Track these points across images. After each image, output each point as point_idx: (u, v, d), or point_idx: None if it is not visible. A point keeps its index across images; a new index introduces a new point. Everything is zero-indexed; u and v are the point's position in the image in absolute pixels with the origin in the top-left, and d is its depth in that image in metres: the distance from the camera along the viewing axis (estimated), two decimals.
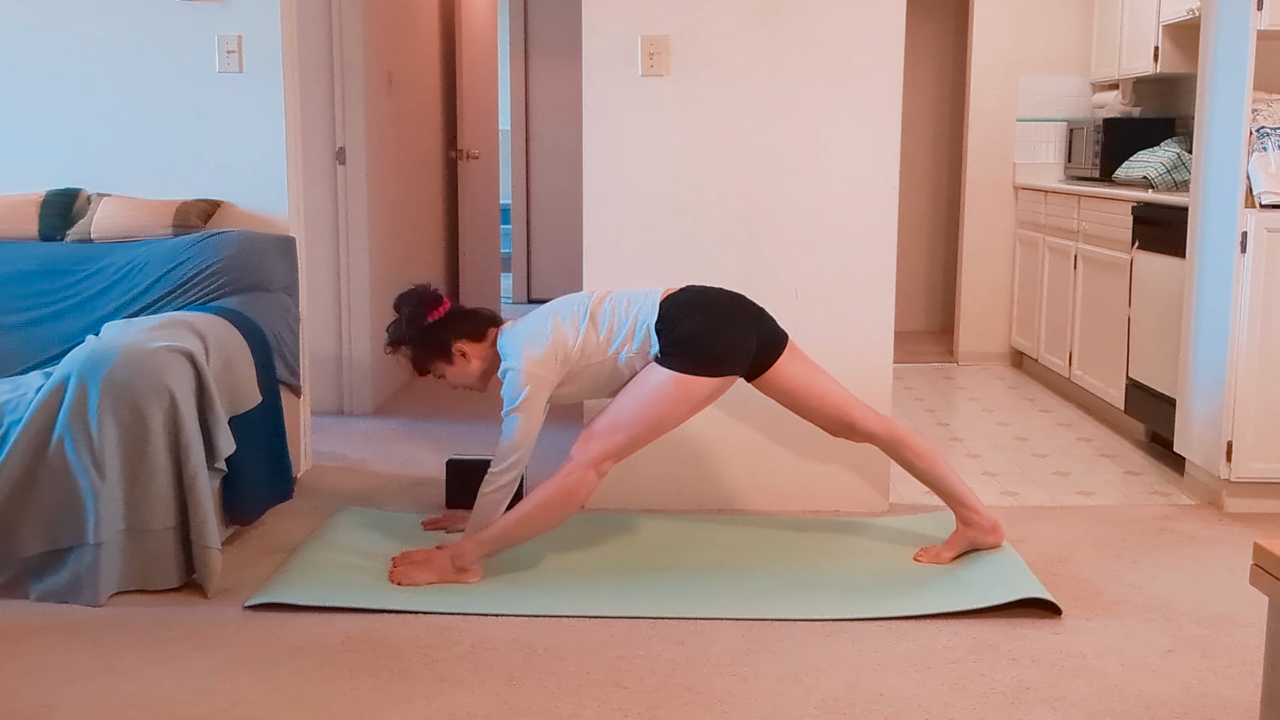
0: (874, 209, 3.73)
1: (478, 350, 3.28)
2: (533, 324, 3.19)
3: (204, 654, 2.72)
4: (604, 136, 3.72)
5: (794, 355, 3.25)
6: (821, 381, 3.26)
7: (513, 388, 3.11)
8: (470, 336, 3.28)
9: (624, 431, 3.07)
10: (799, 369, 3.24)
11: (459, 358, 3.27)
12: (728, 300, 3.16)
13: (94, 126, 4.04)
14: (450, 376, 3.31)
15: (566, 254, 8.98)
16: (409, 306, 3.28)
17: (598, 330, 3.14)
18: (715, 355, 3.06)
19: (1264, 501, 3.82)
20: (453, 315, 3.29)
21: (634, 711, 2.46)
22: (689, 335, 3.06)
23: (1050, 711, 2.47)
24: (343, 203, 5.05)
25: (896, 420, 3.30)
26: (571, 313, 3.17)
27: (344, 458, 4.45)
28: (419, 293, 3.29)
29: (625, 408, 3.08)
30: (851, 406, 3.27)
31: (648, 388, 3.07)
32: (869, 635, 2.84)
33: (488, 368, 3.30)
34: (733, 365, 3.09)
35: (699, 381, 3.06)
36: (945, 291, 7.56)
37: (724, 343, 3.07)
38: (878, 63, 3.67)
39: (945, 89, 7.43)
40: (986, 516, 3.27)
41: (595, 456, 3.06)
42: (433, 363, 3.29)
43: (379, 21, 5.18)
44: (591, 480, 3.06)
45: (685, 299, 3.14)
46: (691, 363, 3.05)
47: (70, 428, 2.96)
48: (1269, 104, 3.74)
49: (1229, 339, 3.74)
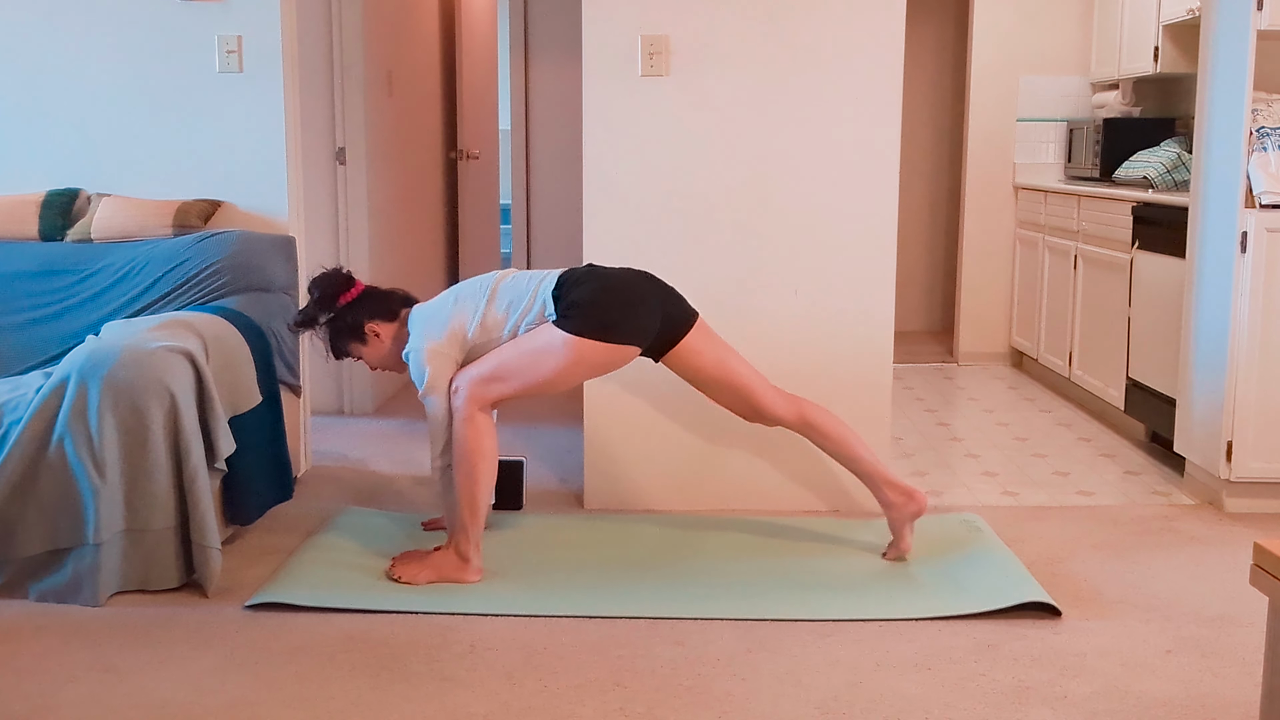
0: (874, 209, 3.73)
1: (390, 330, 3.31)
2: (436, 305, 3.23)
3: (204, 654, 2.72)
4: (604, 136, 3.72)
5: (704, 335, 3.26)
6: (729, 362, 3.26)
7: (416, 369, 3.17)
8: (383, 317, 3.30)
9: (507, 384, 3.10)
10: (707, 349, 3.25)
11: (373, 339, 3.30)
12: (631, 275, 3.18)
13: (94, 126, 4.04)
14: (366, 358, 3.34)
15: (566, 254, 8.98)
16: (320, 288, 3.30)
17: (495, 306, 3.17)
18: (609, 321, 3.07)
19: (1264, 501, 3.82)
20: (365, 296, 3.31)
21: (634, 711, 2.46)
22: (584, 300, 3.08)
23: (1050, 711, 2.47)
24: (343, 203, 5.05)
25: (808, 402, 3.31)
26: (473, 292, 3.21)
27: (344, 458, 4.45)
28: (331, 275, 3.32)
29: (512, 359, 3.10)
30: (760, 390, 3.27)
31: (540, 345, 3.09)
32: (869, 635, 2.84)
33: (400, 349, 3.33)
34: (628, 335, 3.10)
35: (590, 345, 3.07)
36: (945, 291, 7.56)
37: (620, 311, 3.09)
38: (878, 63, 3.67)
39: (945, 89, 7.43)
40: (899, 485, 3.26)
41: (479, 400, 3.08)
42: (347, 344, 3.32)
43: (379, 21, 5.18)
44: (482, 422, 3.09)
45: (586, 271, 3.17)
46: (585, 326, 3.06)
47: (70, 428, 2.96)
48: (1269, 104, 3.74)
49: (1229, 339, 3.74)
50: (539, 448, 4.54)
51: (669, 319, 3.19)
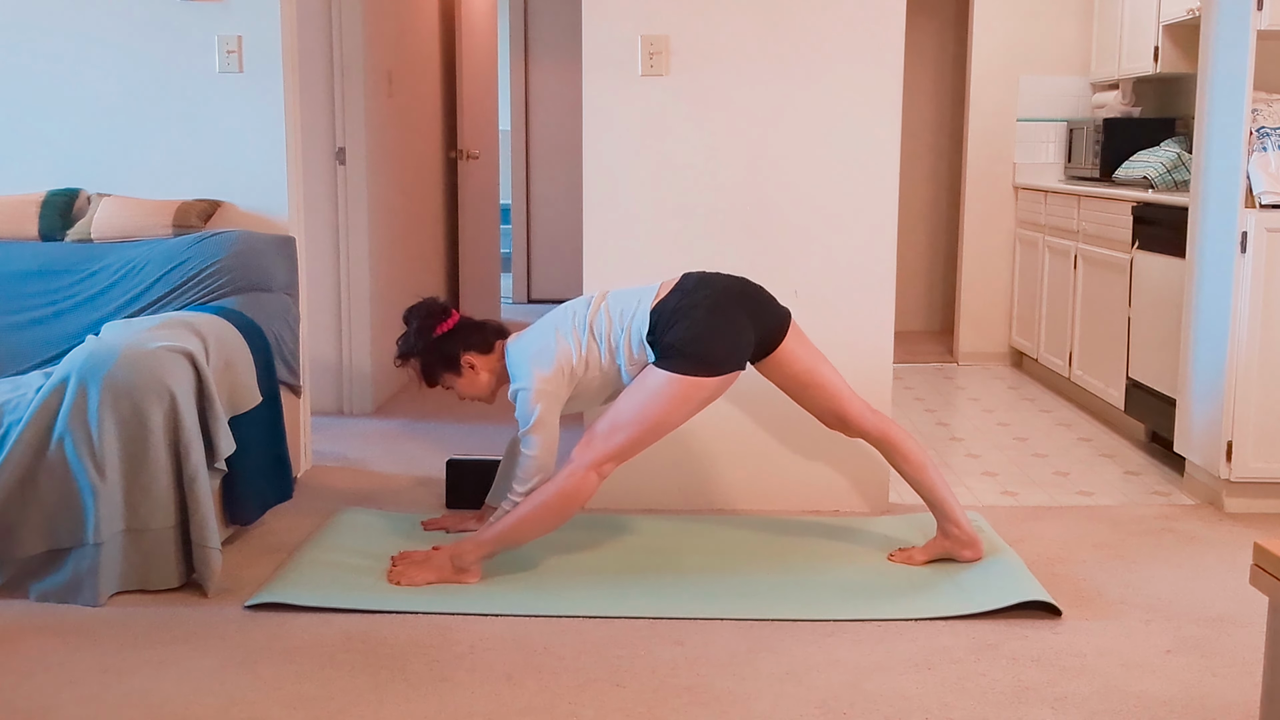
0: (874, 209, 3.73)
1: (486, 363, 3.29)
2: (537, 340, 3.18)
3: (204, 654, 2.72)
4: (604, 136, 3.72)
5: (798, 341, 3.23)
6: (822, 370, 3.25)
7: (525, 407, 3.12)
8: (478, 349, 3.29)
9: (624, 433, 3.06)
10: (801, 355, 3.23)
11: (468, 370, 3.28)
12: (720, 296, 3.11)
13: (94, 127, 4.04)
14: (459, 388, 3.31)
15: (566, 254, 8.98)
16: (418, 319, 3.29)
17: (597, 342, 3.15)
18: (709, 357, 3.04)
19: (1264, 501, 3.82)
20: (461, 327, 3.29)
21: (634, 711, 2.46)
22: (680, 342, 3.05)
23: (1050, 711, 2.47)
24: (343, 203, 5.05)
25: (894, 422, 3.29)
26: (572, 326, 3.17)
27: (344, 458, 4.45)
28: (428, 305, 3.30)
29: (625, 409, 3.07)
30: (849, 401, 3.26)
31: (647, 389, 3.06)
32: (869, 635, 2.84)
33: (495, 379, 3.31)
34: (730, 365, 3.08)
35: (697, 382, 3.05)
36: (945, 291, 7.56)
37: (717, 344, 3.05)
38: (878, 63, 3.67)
39: (945, 89, 7.43)
40: (967, 532, 3.25)
41: (596, 459, 3.05)
42: (441, 375, 3.30)
43: (379, 21, 5.18)
44: (593, 482, 3.06)
45: (675, 304, 3.09)
46: (688, 365, 3.04)
47: (70, 428, 2.96)
48: (1269, 104, 3.74)
49: (1229, 339, 3.74)
50: None
51: (763, 330, 3.16)
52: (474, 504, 3.74)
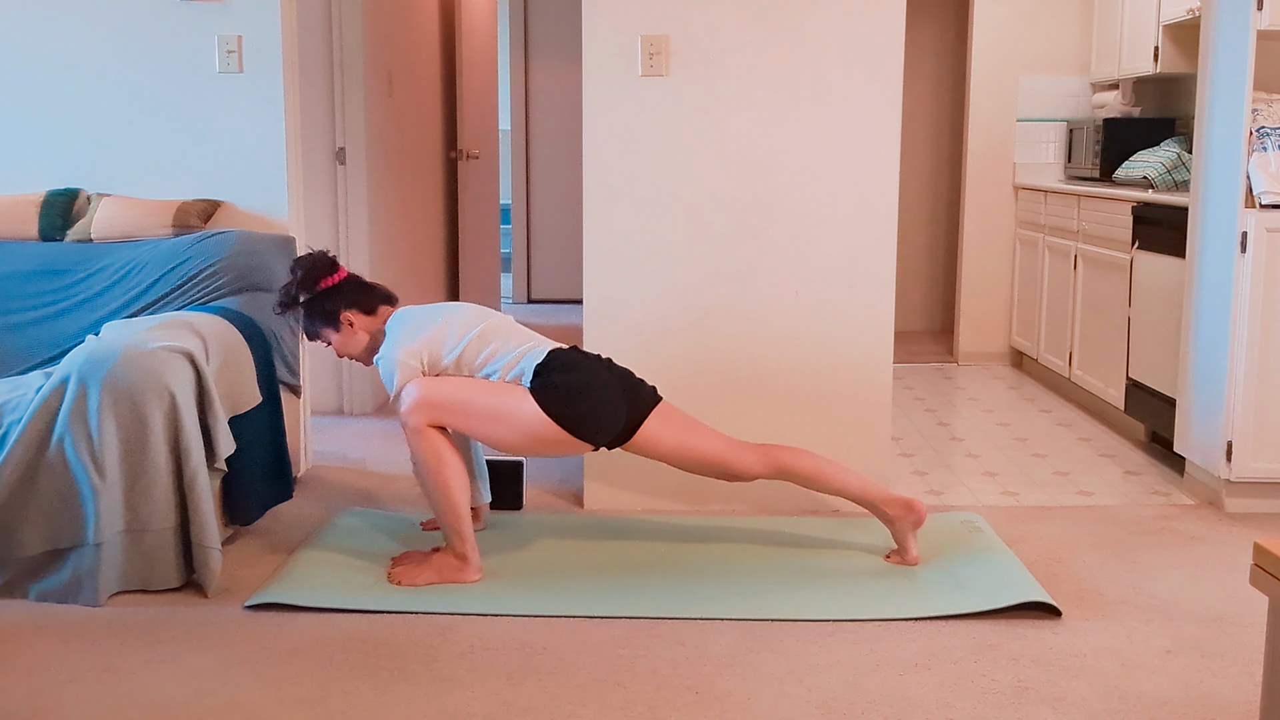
0: (874, 209, 3.73)
1: (366, 323, 3.30)
2: (421, 317, 3.21)
3: (204, 654, 2.72)
4: (604, 136, 3.72)
5: (663, 420, 3.22)
6: (690, 441, 3.23)
7: (385, 374, 3.16)
8: (361, 309, 3.30)
9: (458, 419, 3.08)
10: (667, 434, 3.21)
11: (346, 328, 3.30)
12: (606, 370, 3.17)
13: (94, 126, 4.04)
14: (336, 345, 3.33)
15: (566, 254, 8.98)
16: (303, 269, 3.29)
17: (480, 347, 3.15)
18: (581, 413, 3.06)
19: (1264, 501, 3.82)
20: (346, 284, 3.30)
21: (634, 711, 2.46)
22: (564, 386, 3.06)
23: (1050, 711, 2.47)
24: (343, 203, 5.05)
25: (779, 448, 3.27)
26: (463, 320, 3.19)
27: (344, 458, 4.45)
28: (315, 257, 3.31)
29: (477, 401, 3.07)
30: (727, 457, 3.24)
31: (508, 402, 3.07)
32: (869, 635, 2.84)
33: (374, 344, 3.32)
34: (593, 432, 3.10)
35: (553, 429, 3.07)
36: (945, 291, 7.56)
37: (594, 411, 3.08)
38: (878, 62, 3.67)
39: (945, 89, 7.43)
40: (895, 499, 3.25)
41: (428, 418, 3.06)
42: (321, 328, 3.31)
43: (379, 21, 5.18)
44: (431, 437, 3.07)
45: (576, 358, 3.14)
46: (558, 410, 3.06)
47: (70, 428, 2.96)
48: (1269, 104, 3.74)
49: (1229, 339, 3.74)
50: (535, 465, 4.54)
51: (631, 419, 3.18)
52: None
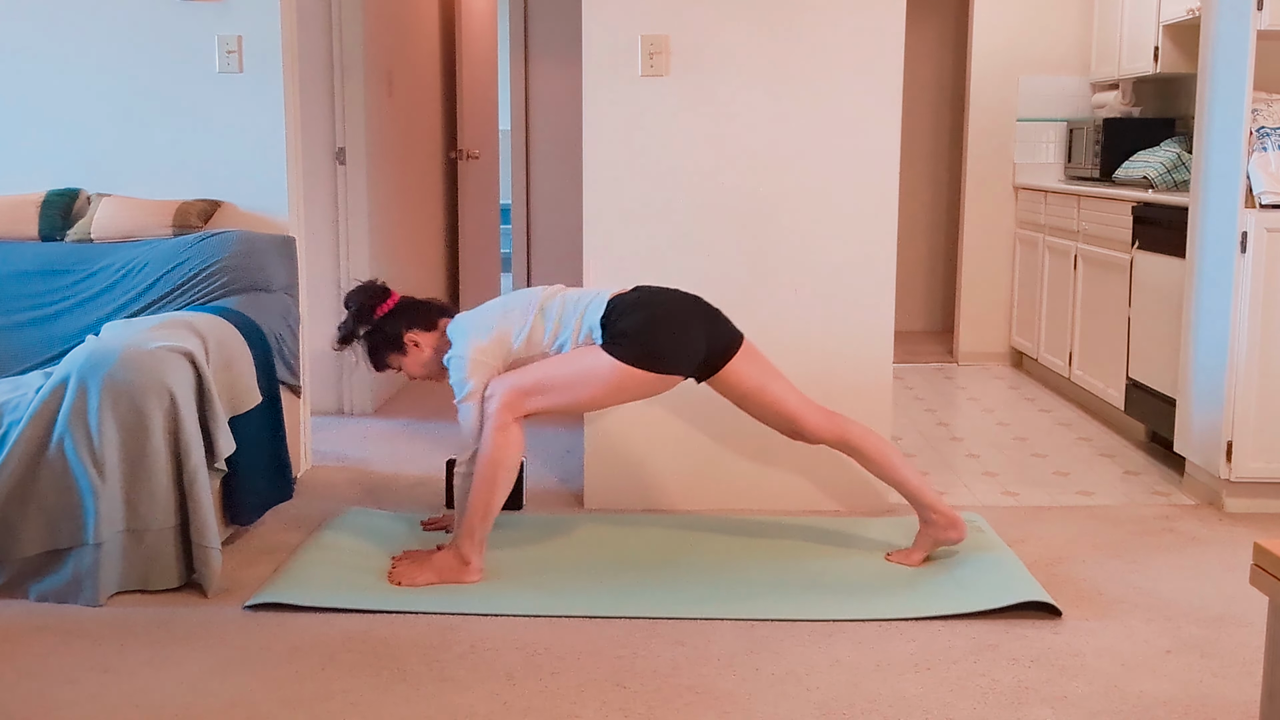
0: (874, 209, 3.73)
1: (430, 340, 3.31)
2: (482, 314, 3.22)
3: (204, 654, 2.72)
4: (604, 136, 3.72)
5: (749, 360, 3.24)
6: (771, 387, 3.24)
7: (458, 374, 3.15)
8: (421, 327, 3.31)
9: (547, 397, 3.08)
10: (751, 372, 3.23)
11: (412, 348, 3.30)
12: (677, 301, 3.16)
13: (94, 126, 4.04)
14: (406, 368, 3.33)
15: (566, 254, 8.98)
16: (357, 302, 3.30)
17: (545, 322, 3.17)
18: (656, 350, 3.06)
19: (1264, 501, 3.82)
20: (402, 307, 3.31)
21: (634, 711, 2.46)
22: (632, 329, 3.07)
23: (1050, 711, 2.47)
24: (343, 203, 5.05)
25: (852, 422, 3.28)
26: (522, 305, 3.20)
27: (344, 458, 4.45)
28: (367, 288, 3.32)
29: (556, 375, 3.08)
30: (802, 413, 3.25)
31: (584, 364, 3.08)
32: (869, 635, 2.84)
33: (440, 356, 3.32)
34: (675, 364, 3.09)
35: (635, 373, 3.06)
36: (945, 291, 7.56)
37: (667, 340, 3.08)
38: (878, 63, 3.67)
39: (945, 89, 7.43)
40: (946, 513, 3.25)
41: (514, 415, 3.07)
42: (387, 355, 3.32)
43: (379, 21, 5.18)
44: (514, 435, 3.08)
45: (633, 298, 3.14)
46: (633, 354, 3.05)
47: (70, 428, 2.96)
48: (1269, 104, 3.74)
49: (1229, 339, 3.74)
50: (539, 448, 4.54)
51: (714, 345, 3.18)
52: None
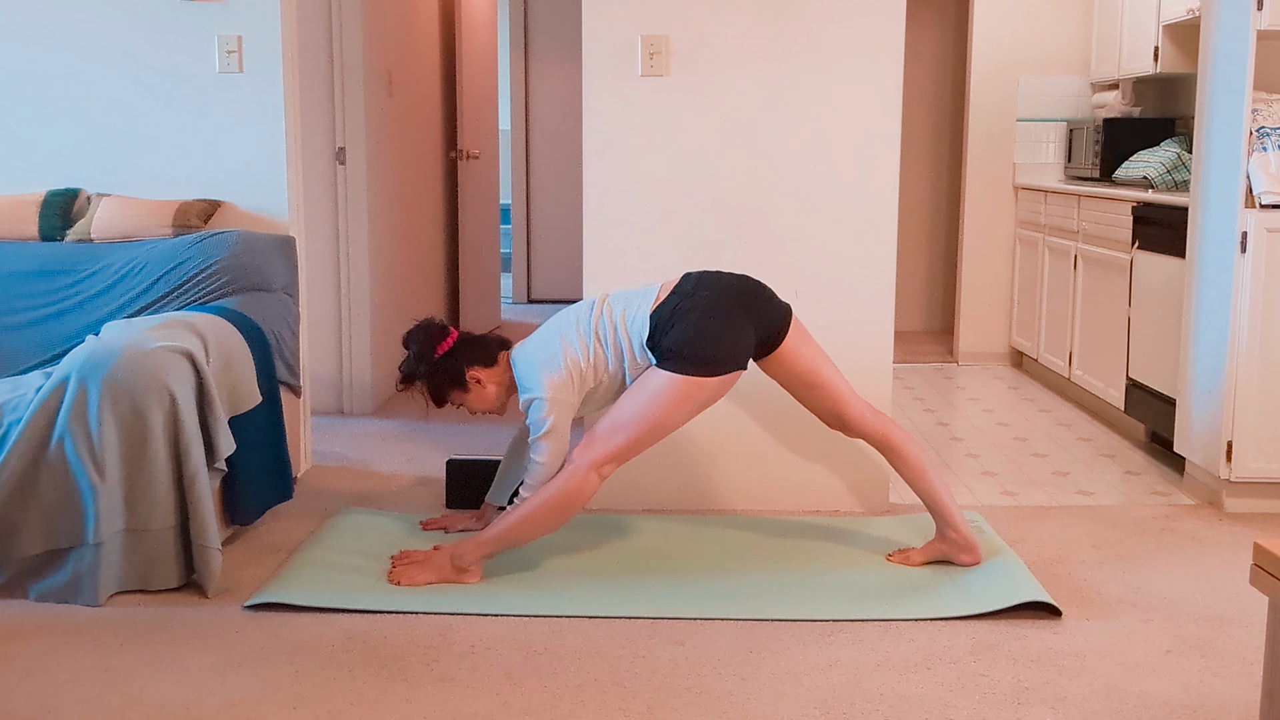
0: (874, 209, 3.73)
1: (491, 375, 3.28)
2: (545, 348, 3.17)
3: (204, 654, 2.72)
4: (604, 136, 3.72)
5: (800, 339, 3.21)
6: (824, 370, 3.23)
7: (538, 415, 3.10)
8: (482, 363, 3.27)
9: (624, 434, 3.06)
10: (804, 354, 3.21)
11: (474, 385, 3.27)
12: (718, 297, 3.10)
13: (94, 127, 4.04)
14: (469, 404, 3.30)
15: (566, 254, 8.98)
16: (418, 343, 3.27)
17: (603, 347, 3.14)
18: (708, 357, 3.04)
19: (1264, 501, 3.82)
20: (462, 344, 3.28)
21: (634, 711, 2.46)
22: (678, 344, 3.04)
23: (1050, 711, 2.47)
24: (343, 203, 5.05)
25: (895, 424, 3.28)
26: (578, 332, 3.16)
27: (344, 458, 4.45)
28: (426, 327, 3.29)
29: (626, 410, 3.07)
30: (850, 402, 3.25)
31: (647, 389, 3.06)
32: (869, 635, 2.84)
33: (503, 391, 3.30)
34: (729, 364, 3.07)
35: (697, 382, 3.04)
36: (945, 291, 7.56)
37: (715, 344, 3.05)
38: (878, 63, 3.67)
39: (945, 89, 7.43)
40: (965, 536, 3.24)
41: (597, 459, 3.05)
42: (449, 393, 3.28)
43: (379, 21, 5.18)
44: (593, 483, 3.06)
45: (673, 307, 3.09)
46: (687, 366, 3.04)
47: (70, 428, 2.96)
48: (1269, 104, 3.74)
49: (1229, 339, 3.74)
50: None
51: (765, 329, 3.15)
52: (474, 504, 3.74)
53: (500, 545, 3.10)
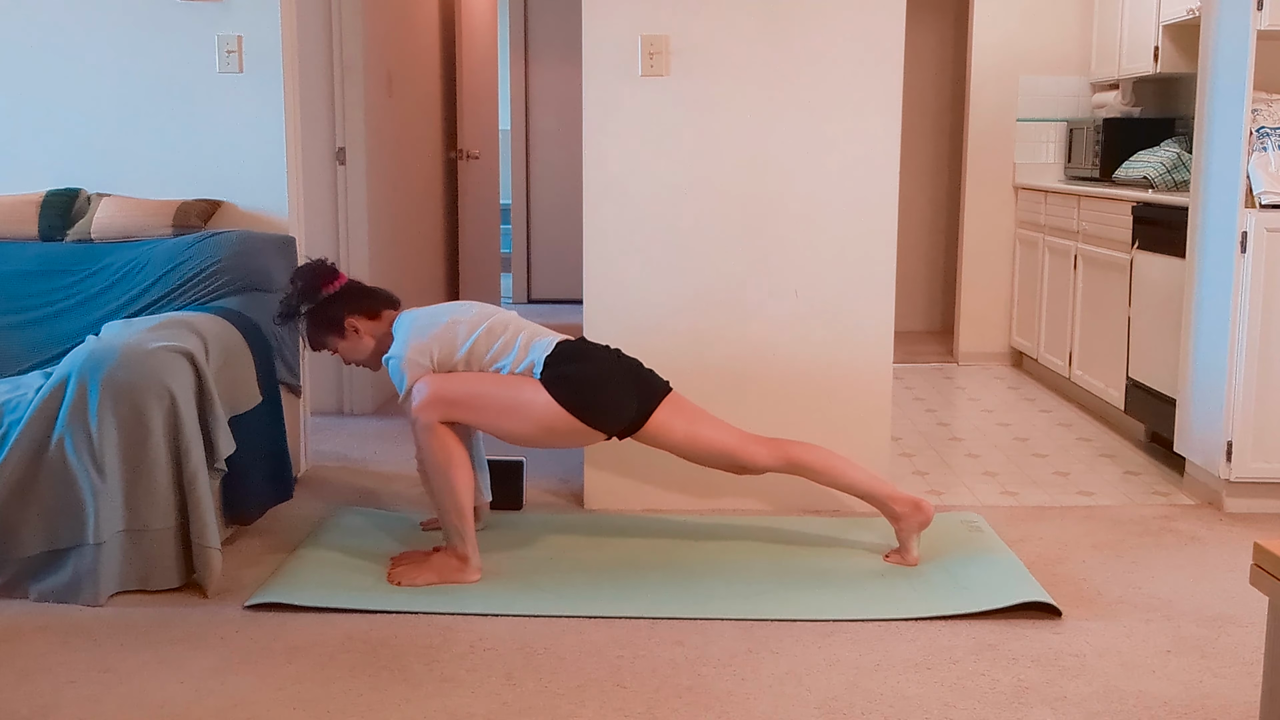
0: (874, 209, 3.73)
1: (371, 328, 3.30)
2: (429, 315, 3.22)
3: (204, 654, 2.72)
4: (604, 136, 3.72)
5: (673, 410, 3.21)
6: (700, 434, 3.21)
7: (394, 375, 3.17)
8: (365, 314, 3.30)
9: (469, 414, 3.08)
10: (677, 423, 3.21)
11: (351, 333, 3.29)
12: (616, 361, 3.18)
13: (94, 126, 4.04)
14: (343, 352, 3.33)
15: (566, 254, 8.98)
16: (303, 279, 3.29)
17: (491, 340, 3.17)
18: (594, 402, 3.07)
19: (1264, 501, 3.82)
20: (348, 290, 3.31)
21: (634, 711, 2.46)
22: (576, 375, 3.08)
23: (1050, 711, 2.47)
24: (343, 203, 5.05)
25: (790, 443, 3.26)
26: (471, 317, 3.20)
27: (344, 458, 4.45)
28: (315, 266, 3.31)
29: (488, 394, 3.08)
30: (737, 449, 3.22)
31: (519, 394, 3.08)
32: (869, 635, 2.84)
33: (380, 348, 3.32)
34: (604, 422, 3.11)
35: (567, 419, 3.08)
36: (945, 291, 7.56)
37: (605, 396, 3.09)
38: (878, 63, 3.67)
39: (945, 89, 7.43)
40: (904, 498, 3.23)
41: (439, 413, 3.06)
42: (325, 336, 3.31)
43: (379, 21, 5.18)
44: (440, 434, 3.07)
45: (580, 347, 3.15)
46: (571, 400, 3.06)
47: (70, 428, 2.96)
48: (1269, 104, 3.74)
49: (1229, 339, 3.74)
50: (536, 460, 4.54)
51: (642, 409, 3.18)
52: None
53: (458, 525, 3.12)
